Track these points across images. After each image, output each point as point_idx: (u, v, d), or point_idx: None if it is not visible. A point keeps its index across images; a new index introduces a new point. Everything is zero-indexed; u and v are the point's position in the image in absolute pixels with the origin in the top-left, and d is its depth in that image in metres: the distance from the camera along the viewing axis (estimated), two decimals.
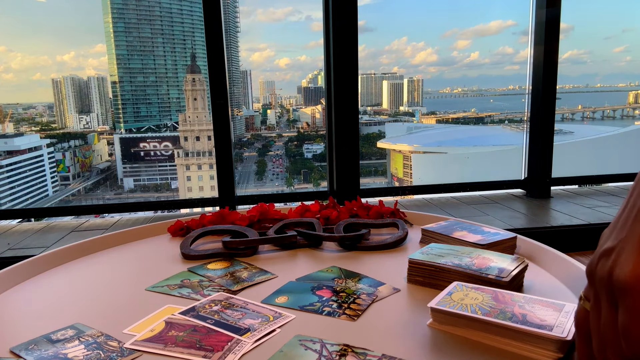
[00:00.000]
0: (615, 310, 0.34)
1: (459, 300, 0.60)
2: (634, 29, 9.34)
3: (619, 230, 0.36)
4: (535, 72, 2.90)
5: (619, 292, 0.34)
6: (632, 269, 0.33)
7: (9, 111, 7.42)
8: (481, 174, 7.92)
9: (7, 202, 6.70)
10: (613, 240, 0.36)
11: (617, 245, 0.35)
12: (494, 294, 0.61)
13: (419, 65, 10.84)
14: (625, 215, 0.36)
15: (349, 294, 0.71)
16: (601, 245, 0.37)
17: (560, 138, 4.12)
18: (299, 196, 3.63)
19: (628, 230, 0.35)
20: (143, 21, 7.64)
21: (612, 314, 0.35)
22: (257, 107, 8.98)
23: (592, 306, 0.38)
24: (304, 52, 12.25)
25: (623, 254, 0.34)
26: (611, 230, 0.37)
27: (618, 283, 0.34)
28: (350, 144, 2.71)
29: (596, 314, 0.37)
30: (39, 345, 0.58)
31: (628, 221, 0.35)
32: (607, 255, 0.36)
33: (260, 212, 1.08)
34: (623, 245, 0.35)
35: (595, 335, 0.37)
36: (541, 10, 2.80)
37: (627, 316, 0.33)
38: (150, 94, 7.64)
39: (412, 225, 1.09)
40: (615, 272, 0.34)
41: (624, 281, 0.33)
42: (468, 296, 0.61)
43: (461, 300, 0.60)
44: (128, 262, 0.91)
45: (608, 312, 0.35)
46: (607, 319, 0.35)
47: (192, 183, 7.36)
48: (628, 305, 0.33)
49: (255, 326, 0.61)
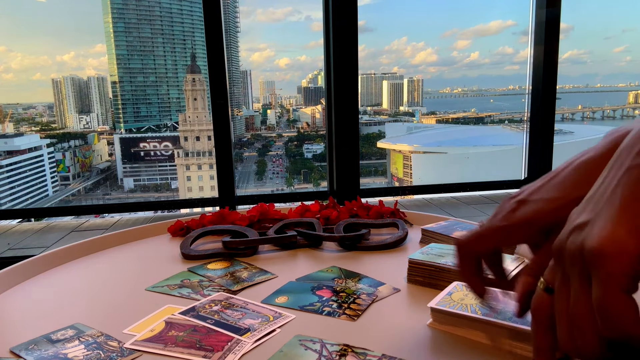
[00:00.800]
0: (587, 286, 0.31)
1: (459, 300, 0.60)
2: (634, 29, 9.34)
3: (594, 205, 0.33)
4: (535, 72, 2.90)
5: (592, 263, 0.30)
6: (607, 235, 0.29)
7: (9, 111, 7.42)
8: (481, 174, 7.92)
9: (7, 202, 6.70)
10: (587, 215, 0.32)
11: (591, 219, 0.32)
12: (494, 294, 0.61)
13: (419, 65, 10.85)
14: (601, 190, 0.33)
15: (349, 294, 0.71)
16: (572, 221, 0.34)
17: (560, 138, 4.12)
18: (299, 196, 3.63)
19: (604, 202, 0.32)
20: (143, 21, 7.65)
21: (585, 291, 0.31)
22: (257, 107, 8.98)
23: (557, 288, 0.34)
24: (304, 52, 12.27)
25: (597, 224, 0.31)
26: (584, 207, 0.34)
27: (591, 252, 0.30)
28: (350, 144, 2.71)
29: (563, 295, 0.33)
30: (39, 345, 0.58)
31: (604, 195, 0.32)
32: (580, 228, 0.32)
33: (260, 212, 1.08)
34: (597, 217, 0.31)
35: (563, 321, 0.33)
36: (541, 10, 2.80)
37: (601, 289, 0.29)
38: (150, 94, 7.64)
39: (412, 225, 1.09)
40: (587, 242, 0.30)
41: (598, 248, 0.29)
42: (468, 296, 0.61)
43: (461, 300, 0.60)
44: (128, 262, 0.91)
45: (579, 290, 0.31)
46: (577, 299, 0.31)
47: (192, 183, 7.37)
48: (602, 275, 0.29)
49: (255, 326, 0.61)
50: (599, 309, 0.29)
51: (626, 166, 0.32)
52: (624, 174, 0.32)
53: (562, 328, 0.33)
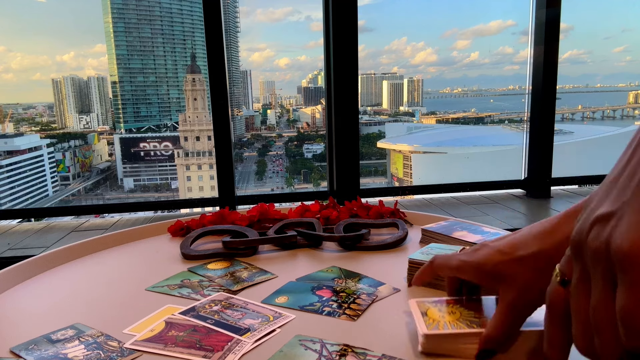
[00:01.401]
0: (612, 289, 0.28)
1: (440, 319, 0.53)
2: (634, 29, 9.35)
3: (619, 192, 0.29)
4: (535, 72, 2.90)
5: (620, 266, 0.27)
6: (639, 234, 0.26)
7: (9, 111, 7.42)
8: (481, 174, 7.92)
9: (7, 202, 6.70)
10: (612, 204, 0.29)
11: (618, 210, 0.28)
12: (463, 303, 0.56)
13: (418, 65, 10.86)
14: (627, 174, 0.29)
15: (349, 294, 0.71)
16: (593, 209, 0.30)
17: (560, 138, 4.12)
18: (299, 196, 3.63)
19: (633, 191, 0.28)
20: (143, 21, 7.65)
21: (608, 294, 0.28)
22: (257, 107, 8.98)
23: (575, 284, 0.31)
24: (304, 52, 12.28)
25: (625, 219, 0.27)
26: (606, 193, 0.30)
27: (621, 254, 0.27)
28: (350, 144, 2.71)
29: (583, 293, 0.31)
30: (39, 345, 0.58)
31: (633, 181, 0.29)
32: (604, 220, 0.29)
33: (260, 212, 1.08)
34: (627, 209, 0.28)
35: (580, 319, 0.31)
36: (541, 10, 2.80)
37: (630, 297, 0.26)
38: (150, 94, 7.64)
39: (412, 225, 1.09)
40: (616, 241, 0.27)
41: (628, 251, 0.26)
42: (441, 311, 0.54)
43: (443, 319, 0.53)
44: (128, 262, 0.91)
45: (602, 291, 0.29)
46: (600, 300, 0.29)
47: (192, 183, 7.37)
48: (632, 282, 0.26)
49: (255, 326, 0.61)
50: (624, 317, 0.27)
51: None
52: None
53: (579, 327, 0.31)
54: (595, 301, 0.29)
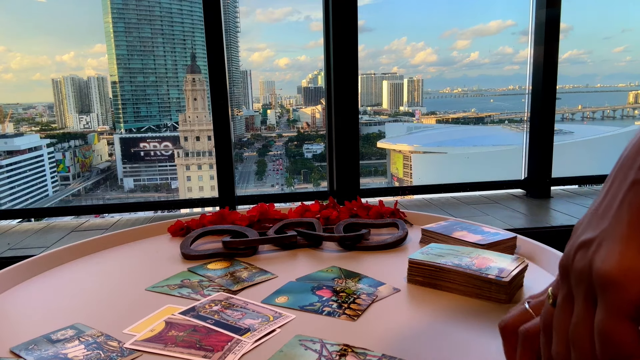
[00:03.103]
0: (592, 308, 0.30)
1: None
2: (634, 29, 9.35)
3: (599, 220, 0.32)
4: (535, 72, 2.89)
5: (600, 287, 0.29)
6: (618, 259, 0.29)
7: (9, 111, 7.42)
8: (481, 174, 7.92)
9: (7, 202, 6.70)
10: (593, 231, 0.32)
11: (598, 236, 0.31)
12: None
13: (418, 65, 10.85)
14: (606, 203, 0.32)
15: (349, 294, 0.71)
16: (578, 236, 0.33)
17: (560, 138, 4.12)
18: (299, 196, 3.62)
19: (611, 218, 0.31)
20: (143, 21, 7.65)
21: (589, 314, 0.30)
22: (257, 107, 8.98)
23: (560, 303, 0.33)
24: (304, 52, 12.28)
25: (605, 244, 0.30)
26: (589, 221, 0.33)
27: (600, 276, 0.29)
28: (350, 144, 2.71)
29: (565, 311, 0.33)
30: (39, 345, 0.58)
31: (610, 210, 0.31)
32: (586, 246, 0.32)
33: (260, 212, 1.08)
34: (605, 236, 0.31)
35: (561, 335, 0.33)
36: (541, 10, 2.80)
37: (606, 314, 0.29)
38: (150, 94, 7.64)
39: (412, 225, 1.09)
40: (597, 264, 0.30)
41: (608, 273, 0.29)
42: None
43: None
44: (128, 262, 0.91)
45: (583, 310, 0.31)
46: (580, 317, 0.31)
47: (192, 183, 7.36)
48: (609, 301, 0.29)
49: (255, 326, 0.61)
50: (600, 333, 0.29)
51: (631, 179, 0.31)
52: (630, 188, 0.31)
53: (560, 344, 0.33)
54: (576, 318, 0.32)
